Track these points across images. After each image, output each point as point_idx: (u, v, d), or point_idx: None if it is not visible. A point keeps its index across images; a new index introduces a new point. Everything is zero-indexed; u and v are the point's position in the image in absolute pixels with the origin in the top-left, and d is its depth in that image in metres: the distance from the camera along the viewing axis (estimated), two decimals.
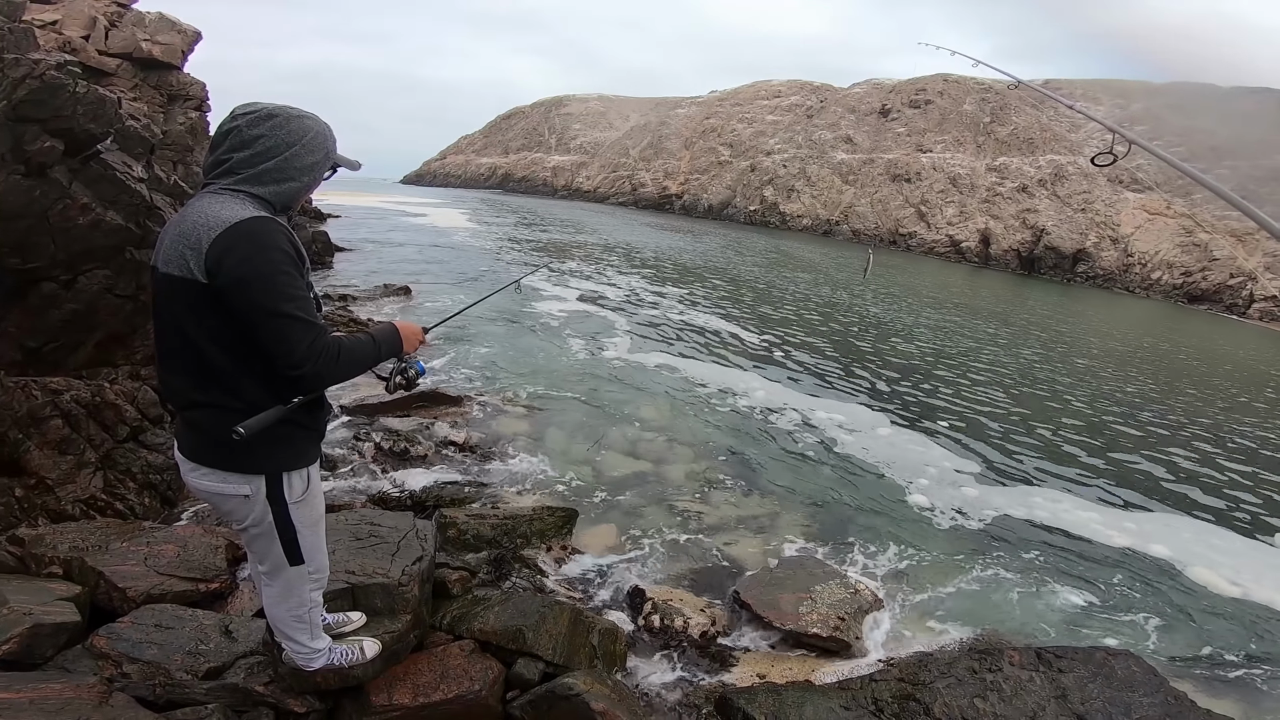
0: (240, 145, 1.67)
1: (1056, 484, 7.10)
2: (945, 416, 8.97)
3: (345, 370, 1.75)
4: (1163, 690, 3.30)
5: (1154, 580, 5.32)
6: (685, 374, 9.72)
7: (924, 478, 6.75)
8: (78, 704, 1.96)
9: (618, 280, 18.71)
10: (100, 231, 4.64)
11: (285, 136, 1.70)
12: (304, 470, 1.89)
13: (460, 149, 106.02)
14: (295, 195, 1.77)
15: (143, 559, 2.81)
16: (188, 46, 19.72)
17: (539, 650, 2.77)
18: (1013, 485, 6.90)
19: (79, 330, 4.69)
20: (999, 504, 6.34)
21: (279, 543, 1.89)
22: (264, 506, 1.83)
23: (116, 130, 5.15)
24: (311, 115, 1.80)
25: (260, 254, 1.59)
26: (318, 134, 1.78)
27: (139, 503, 3.64)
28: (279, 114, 1.71)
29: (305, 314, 1.64)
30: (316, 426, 1.95)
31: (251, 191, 1.68)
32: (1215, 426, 10.48)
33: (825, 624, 3.96)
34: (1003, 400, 10.33)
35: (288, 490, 1.84)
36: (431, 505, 4.73)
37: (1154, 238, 42.17)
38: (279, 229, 1.66)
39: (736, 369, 10.37)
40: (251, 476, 1.79)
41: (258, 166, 1.67)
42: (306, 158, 1.75)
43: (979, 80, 56.20)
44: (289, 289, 1.62)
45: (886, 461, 7.07)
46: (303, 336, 1.62)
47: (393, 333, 1.94)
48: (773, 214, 57.87)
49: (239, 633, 2.51)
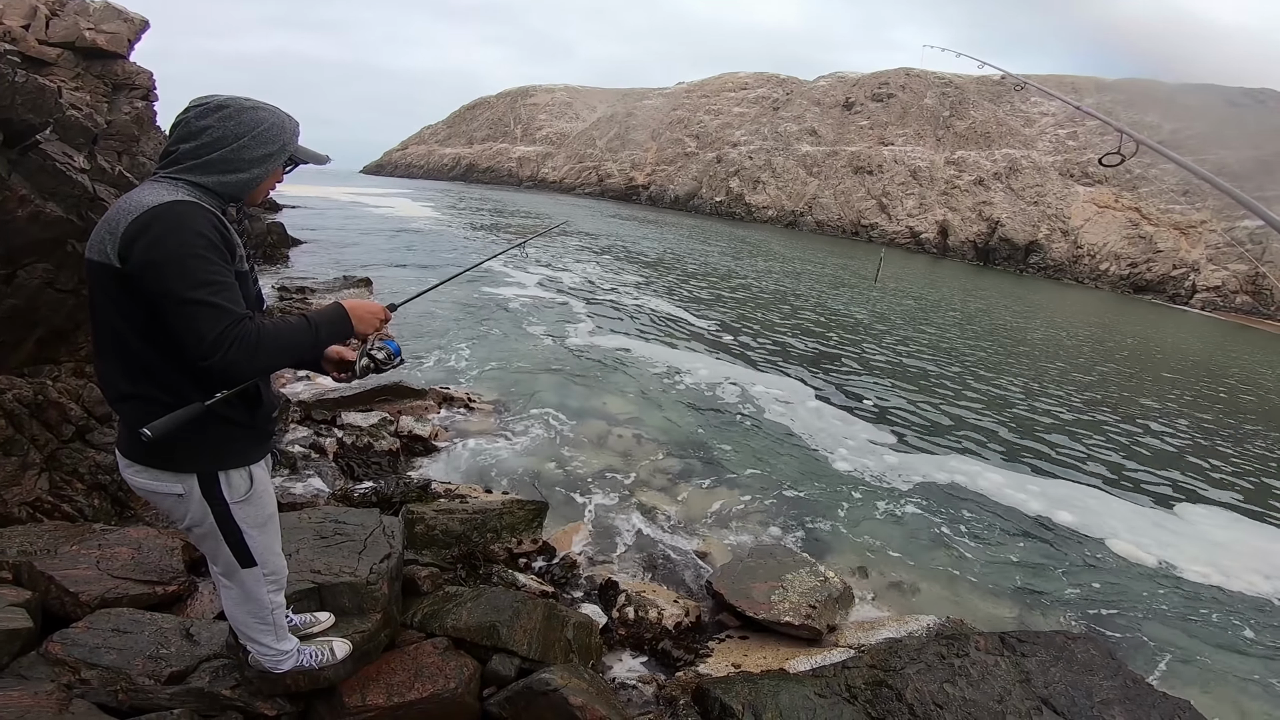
0: (187, 136, 1.63)
1: (1021, 466, 7.33)
2: (901, 402, 9.18)
3: (267, 359, 1.57)
4: (1121, 674, 3.40)
5: (1097, 559, 5.55)
6: (649, 360, 9.75)
7: (886, 464, 6.91)
8: (37, 711, 1.87)
9: (581, 269, 18.64)
10: (39, 224, 4.43)
11: (234, 128, 1.64)
12: (245, 469, 1.79)
13: (423, 139, 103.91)
14: (243, 186, 1.70)
15: (95, 562, 2.68)
16: (134, 35, 19.05)
17: (514, 646, 2.73)
18: (974, 467, 7.10)
19: (19, 327, 4.46)
20: (959, 483, 6.55)
21: (226, 545, 1.81)
22: (201, 506, 1.74)
23: (56, 120, 4.94)
24: (269, 107, 1.73)
25: (172, 236, 1.50)
26: (272, 126, 1.71)
27: (88, 504, 3.48)
28: (230, 105, 1.66)
29: (220, 300, 1.51)
30: (256, 424, 1.82)
31: (194, 180, 1.62)
32: (1135, 407, 10.95)
33: (797, 612, 4.01)
34: (971, 388, 10.61)
35: (226, 490, 1.75)
36: (398, 501, 4.63)
37: (1102, 230, 43.76)
38: (202, 213, 1.57)
39: (700, 354, 10.45)
40: (183, 475, 1.71)
41: (203, 157, 1.62)
42: (257, 149, 1.68)
43: (939, 74, 57.38)
44: (202, 273, 1.51)
45: (847, 448, 7.20)
46: (213, 324, 1.49)
47: (337, 314, 1.75)
48: (738, 205, 58.27)
49: (200, 636, 2.41)
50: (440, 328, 10.38)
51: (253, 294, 1.78)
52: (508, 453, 5.97)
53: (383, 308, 1.88)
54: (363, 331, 1.82)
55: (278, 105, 1.76)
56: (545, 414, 7.09)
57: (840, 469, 6.68)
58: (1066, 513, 6.33)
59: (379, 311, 1.85)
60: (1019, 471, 7.28)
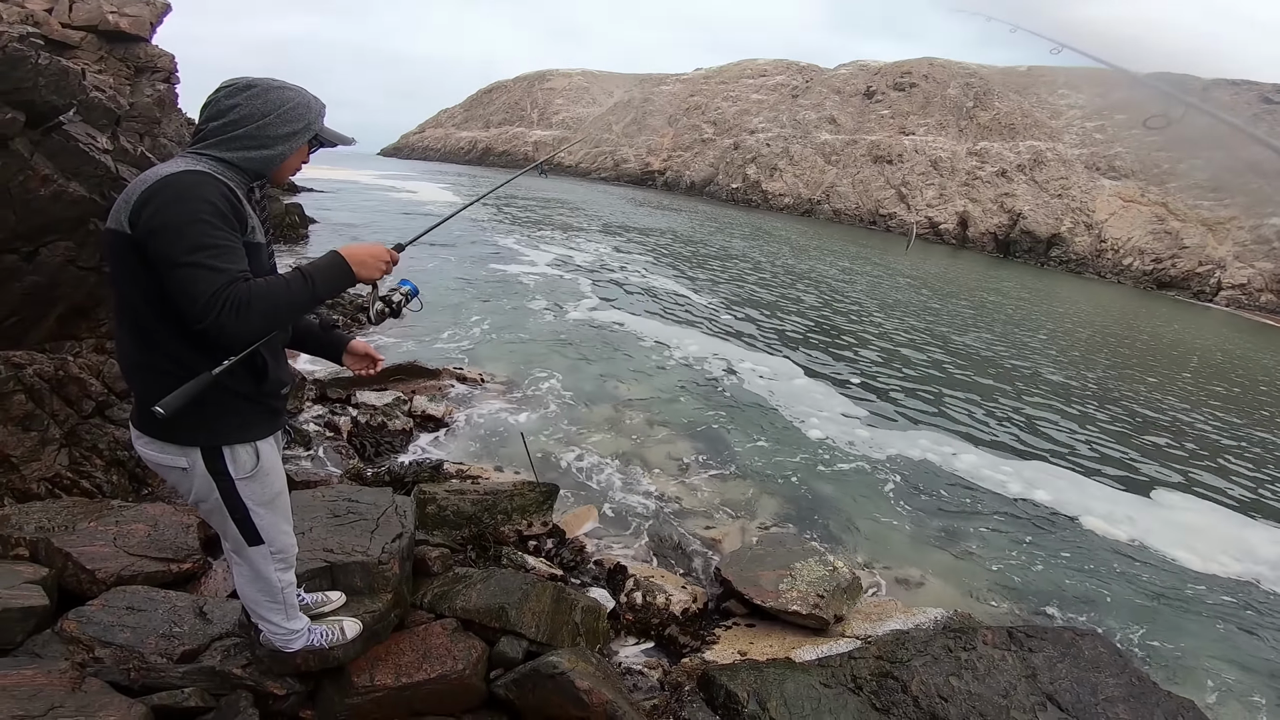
0: (216, 115, 1.66)
1: (1040, 460, 7.25)
2: (923, 391, 9.09)
3: (263, 318, 1.51)
4: (1127, 671, 3.38)
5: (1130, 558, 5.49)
6: (662, 342, 9.74)
7: (902, 455, 6.85)
8: (50, 691, 1.89)
9: (593, 249, 18.62)
10: (62, 203, 4.50)
11: (260, 106, 1.68)
12: (250, 444, 1.78)
13: (440, 123, 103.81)
14: (267, 163, 1.72)
15: (112, 539, 2.72)
16: (156, 19, 19.26)
17: (522, 628, 2.75)
18: (992, 463, 7.03)
19: (40, 303, 4.53)
20: (975, 477, 6.50)
21: (232, 521, 1.82)
22: (206, 481, 1.74)
23: (80, 102, 5.01)
24: (296, 87, 1.75)
25: (177, 203, 1.52)
26: (298, 105, 1.73)
27: (106, 480, 3.53)
28: (257, 85, 1.69)
29: (215, 263, 1.49)
30: (263, 398, 1.80)
31: (218, 156, 1.65)
32: (1149, 401, 10.77)
33: (805, 601, 4.01)
34: (989, 379, 10.49)
35: (231, 465, 1.75)
36: (410, 481, 4.67)
37: (1127, 224, 42.88)
38: (211, 182, 1.58)
39: (713, 338, 10.42)
40: (187, 448, 1.71)
41: (229, 133, 1.66)
42: (282, 127, 1.70)
43: (964, 65, 56.22)
44: (200, 238, 1.50)
45: (861, 439, 7.15)
46: (207, 285, 1.46)
47: (333, 261, 1.66)
48: (755, 192, 57.73)
49: (214, 614, 2.44)
50: (454, 306, 10.43)
51: (266, 268, 1.77)
52: (519, 433, 5.99)
53: (387, 248, 1.78)
54: (368, 276, 1.72)
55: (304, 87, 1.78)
56: (557, 394, 7.10)
57: (853, 460, 6.64)
58: (1083, 511, 6.26)
59: (382, 253, 1.74)
60: (1037, 467, 7.22)
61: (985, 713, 3.03)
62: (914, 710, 3.06)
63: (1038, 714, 3.07)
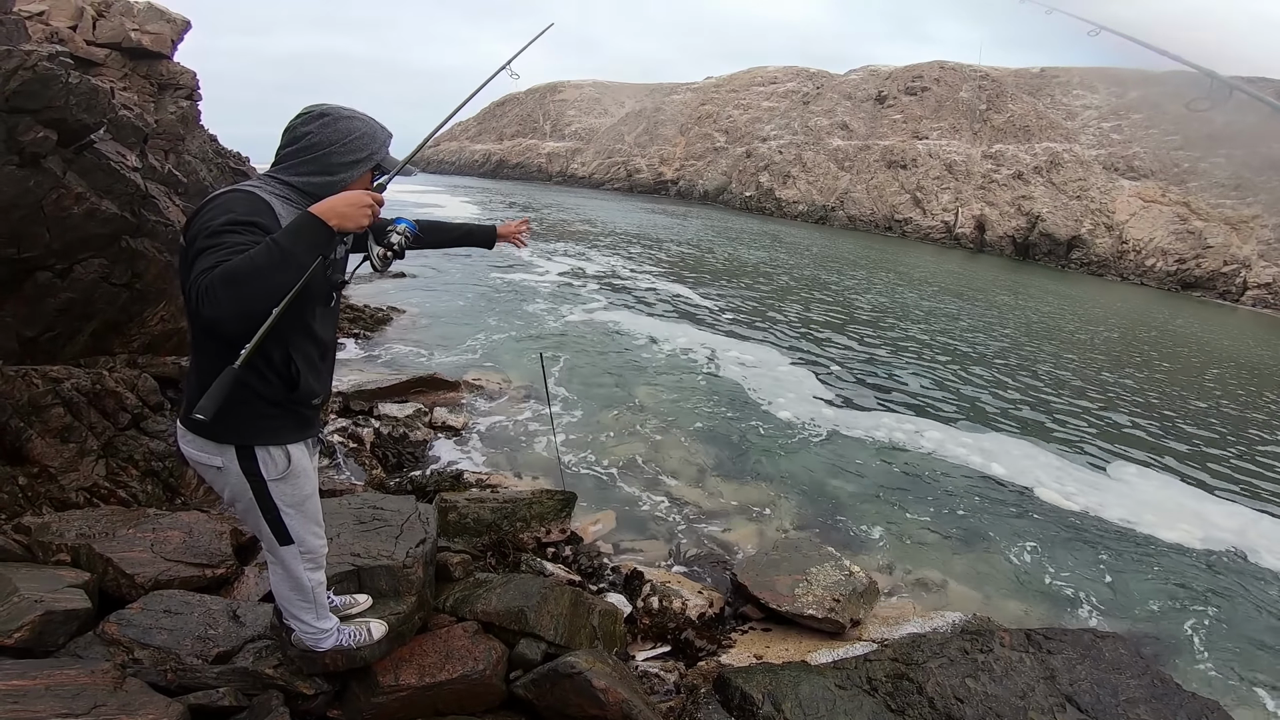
0: (291, 141, 1.80)
1: (1068, 460, 7.20)
2: (938, 393, 9.05)
3: (231, 297, 1.46)
4: (1149, 672, 3.35)
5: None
6: (677, 349, 9.83)
7: (922, 459, 6.84)
8: (93, 690, 1.98)
9: (607, 258, 18.75)
10: (95, 221, 4.64)
11: (329, 135, 1.79)
12: (282, 448, 1.87)
13: (454, 135, 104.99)
14: (328, 188, 1.80)
15: (149, 545, 2.83)
16: (177, 35, 19.64)
17: (540, 631, 2.81)
18: (1014, 462, 6.99)
19: (75, 319, 4.69)
20: (996, 476, 6.48)
21: (265, 521, 1.92)
22: (240, 480, 1.84)
23: (109, 120, 5.16)
24: (364, 118, 1.86)
25: (210, 216, 1.62)
26: (363, 135, 1.83)
27: (142, 490, 3.66)
28: (330, 114, 1.81)
29: (213, 252, 1.52)
30: (293, 406, 1.88)
31: (284, 179, 1.79)
32: (1193, 410, 10.60)
33: (820, 605, 4.03)
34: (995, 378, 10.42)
35: (264, 466, 1.85)
36: (431, 489, 4.77)
37: (1148, 225, 42.23)
38: (249, 200, 1.67)
39: (730, 342, 10.48)
40: (223, 447, 1.81)
41: (298, 159, 1.79)
42: (346, 156, 1.81)
43: (975, 67, 55.87)
44: (212, 238, 1.56)
45: (880, 442, 7.15)
46: (199, 276, 1.49)
47: (302, 220, 1.58)
48: (768, 200, 57.68)
49: (246, 617, 2.54)
50: (472, 316, 10.59)
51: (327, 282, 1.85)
52: (537, 442, 6.07)
53: (364, 191, 1.72)
54: (354, 226, 1.64)
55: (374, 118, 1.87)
56: (575, 401, 7.19)
57: (870, 463, 6.64)
58: (1111, 506, 6.23)
59: (361, 198, 1.66)
60: (1067, 467, 7.18)
61: (1002, 714, 3.01)
62: (929, 711, 3.05)
63: (1056, 715, 3.04)
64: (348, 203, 1.63)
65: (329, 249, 1.67)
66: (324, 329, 1.96)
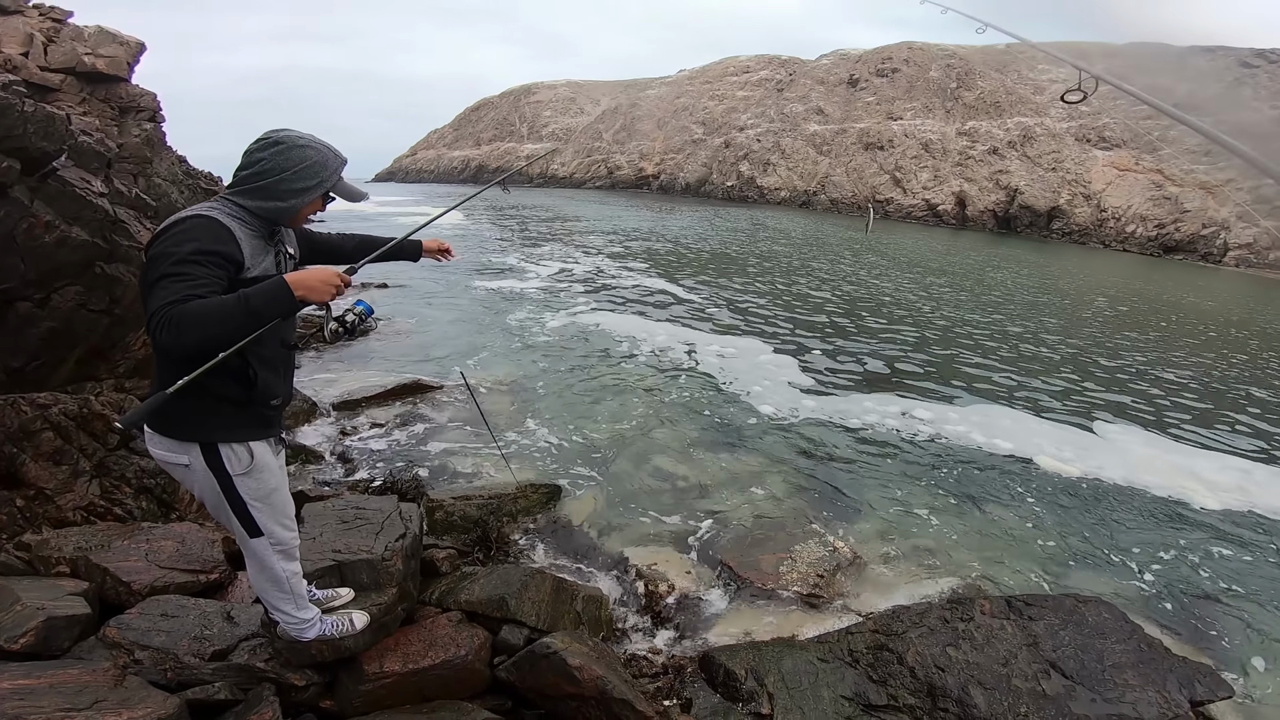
0: (247, 165, 1.91)
1: (1051, 424, 7.36)
2: (917, 368, 9.22)
3: (195, 337, 1.60)
4: (1135, 637, 3.33)
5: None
6: (661, 342, 9.97)
7: (907, 430, 6.97)
8: (94, 686, 2.11)
9: (587, 256, 18.88)
10: (67, 248, 4.68)
11: (281, 162, 1.91)
12: (244, 444, 1.98)
13: (431, 143, 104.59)
14: (281, 213, 1.95)
15: (144, 555, 2.95)
16: (132, 58, 19.42)
17: (522, 617, 2.94)
18: (993, 427, 7.14)
19: (59, 347, 4.75)
20: (978, 445, 6.62)
21: (234, 515, 2.04)
22: (207, 476, 1.95)
23: (70, 146, 5.13)
24: (317, 147, 1.97)
25: (170, 238, 1.74)
26: (314, 164, 1.95)
27: (136, 506, 3.76)
28: (284, 142, 1.93)
29: (172, 285, 1.63)
30: (251, 404, 1.97)
31: (238, 201, 1.90)
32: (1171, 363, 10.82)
33: (805, 582, 4.16)
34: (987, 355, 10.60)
35: (228, 462, 1.95)
36: (416, 490, 4.88)
37: (1125, 193, 42.68)
38: (209, 226, 1.78)
39: (710, 334, 10.60)
40: (187, 445, 1.93)
41: (253, 184, 1.90)
42: (296, 183, 1.93)
43: (942, 46, 56.20)
44: (172, 267, 1.66)
45: (862, 418, 7.28)
46: (155, 305, 1.60)
47: (276, 287, 1.72)
48: (750, 188, 57.87)
49: (240, 618, 2.66)
50: (457, 319, 10.71)
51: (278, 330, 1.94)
52: (522, 438, 6.18)
53: (337, 272, 1.86)
54: (316, 299, 1.78)
55: (327, 141, 2.00)
56: (559, 396, 7.32)
57: (856, 440, 6.76)
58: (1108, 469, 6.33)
59: (331, 277, 1.80)
60: (1060, 432, 7.30)
61: (984, 681, 3.01)
62: (911, 681, 3.06)
63: (1040, 681, 3.02)
64: (319, 279, 1.77)
65: (291, 314, 1.80)
66: (283, 332, 2.07)
